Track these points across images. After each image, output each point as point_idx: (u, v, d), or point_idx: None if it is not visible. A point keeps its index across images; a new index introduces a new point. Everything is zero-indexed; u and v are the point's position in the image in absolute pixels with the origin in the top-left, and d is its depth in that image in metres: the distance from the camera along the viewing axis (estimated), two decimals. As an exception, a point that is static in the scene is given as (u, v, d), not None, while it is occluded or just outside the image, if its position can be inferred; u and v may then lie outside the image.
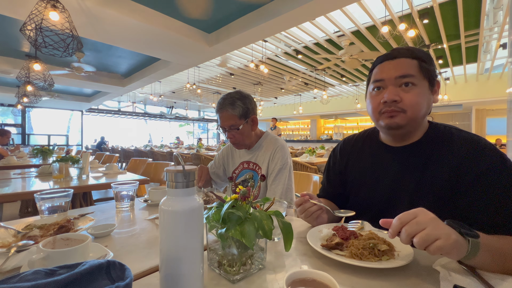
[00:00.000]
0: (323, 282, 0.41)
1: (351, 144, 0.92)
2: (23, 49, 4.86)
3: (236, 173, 1.37)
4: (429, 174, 0.70)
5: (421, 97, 0.69)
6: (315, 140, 13.19)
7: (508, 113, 3.38)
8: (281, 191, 1.19)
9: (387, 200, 0.77)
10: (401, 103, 0.69)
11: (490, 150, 0.65)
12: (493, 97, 8.32)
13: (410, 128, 0.73)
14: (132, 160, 2.90)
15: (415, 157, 0.74)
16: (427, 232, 0.47)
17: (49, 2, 2.03)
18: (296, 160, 3.67)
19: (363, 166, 0.85)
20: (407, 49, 0.72)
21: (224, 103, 1.22)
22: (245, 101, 1.23)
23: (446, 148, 0.70)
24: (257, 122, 1.30)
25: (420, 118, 0.71)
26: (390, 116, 0.71)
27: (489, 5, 4.19)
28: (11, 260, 0.55)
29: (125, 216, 0.95)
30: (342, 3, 2.90)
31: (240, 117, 1.22)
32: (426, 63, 0.71)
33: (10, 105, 9.59)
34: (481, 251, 0.49)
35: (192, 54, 4.45)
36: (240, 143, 1.29)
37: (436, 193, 0.68)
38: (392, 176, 0.77)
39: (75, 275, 0.34)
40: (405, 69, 0.70)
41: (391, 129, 0.74)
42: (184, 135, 19.44)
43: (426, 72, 0.70)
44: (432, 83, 0.72)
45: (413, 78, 0.69)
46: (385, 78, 0.72)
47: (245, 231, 0.48)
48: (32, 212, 2.25)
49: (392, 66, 0.71)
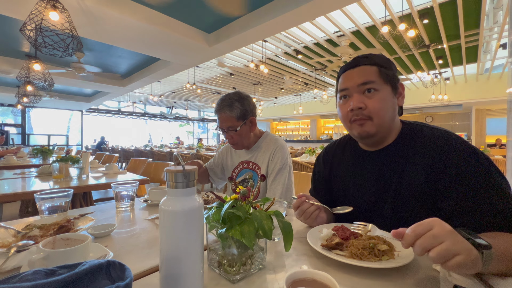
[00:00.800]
0: (323, 282, 0.41)
1: (332, 152, 0.94)
2: (23, 49, 4.86)
3: (236, 173, 1.37)
4: (406, 177, 0.71)
5: (384, 102, 0.72)
6: (315, 140, 13.19)
7: (508, 113, 3.38)
8: (281, 191, 1.19)
9: (372, 205, 0.77)
10: (366, 109, 0.72)
11: (462, 146, 0.66)
12: (493, 97, 8.31)
13: (381, 134, 0.75)
14: (132, 160, 2.90)
15: (391, 160, 0.75)
16: (445, 247, 0.43)
17: (49, 2, 2.03)
18: (296, 160, 3.68)
19: (346, 173, 0.86)
20: (365, 57, 0.75)
21: (222, 105, 1.23)
22: (243, 102, 1.24)
23: (419, 147, 0.71)
24: (255, 123, 1.32)
25: (387, 122, 0.74)
26: (359, 124, 0.74)
27: (489, 5, 4.19)
28: (11, 260, 0.55)
29: (125, 216, 0.95)
30: (342, 3, 2.90)
31: (238, 119, 1.22)
32: (385, 68, 0.73)
33: (10, 105, 9.59)
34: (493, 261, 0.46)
35: (192, 54, 4.45)
36: (238, 143, 1.30)
37: (416, 196, 0.69)
38: (373, 181, 0.78)
39: (75, 275, 0.34)
40: (366, 76, 0.72)
41: (363, 138, 0.77)
42: (184, 135, 19.45)
43: (386, 77, 0.72)
44: (395, 87, 0.74)
45: (374, 83, 0.72)
46: (349, 87, 0.75)
47: (245, 231, 0.48)
48: (32, 212, 2.25)
49: (354, 74, 0.74)
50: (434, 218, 0.47)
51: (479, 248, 0.45)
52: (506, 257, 0.51)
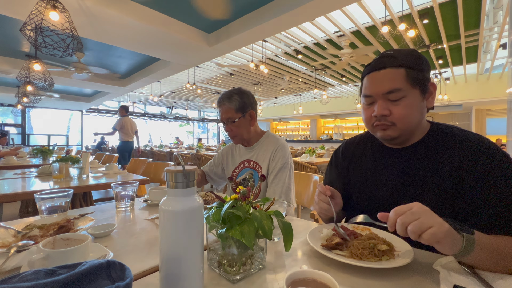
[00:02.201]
0: (323, 282, 0.41)
1: (353, 147, 0.92)
2: (23, 49, 4.86)
3: (237, 172, 1.37)
4: (430, 174, 0.70)
5: (411, 108, 0.68)
6: (315, 140, 13.19)
7: (508, 113, 3.38)
8: (280, 190, 1.19)
9: (390, 202, 0.76)
10: (391, 116, 0.69)
11: (493, 149, 0.65)
12: (493, 97, 8.31)
13: (405, 136, 0.74)
14: (132, 160, 2.90)
15: (416, 158, 0.74)
16: (421, 220, 0.49)
17: (49, 2, 2.03)
18: (296, 160, 3.68)
19: (365, 168, 0.85)
20: (392, 57, 0.69)
21: (223, 97, 1.28)
22: (243, 95, 1.28)
23: (448, 148, 0.70)
24: (255, 117, 1.32)
25: (413, 126, 0.72)
26: (382, 129, 0.73)
27: (489, 5, 4.19)
28: (11, 260, 0.55)
29: (125, 216, 0.95)
30: (342, 3, 2.90)
31: (236, 110, 1.25)
32: (414, 70, 0.67)
33: (10, 105, 9.59)
34: (477, 248, 0.50)
35: (192, 54, 4.45)
36: (237, 136, 1.31)
37: (438, 194, 0.68)
38: (394, 178, 0.77)
39: (75, 275, 0.34)
40: (391, 83, 0.68)
41: (386, 141, 0.78)
42: (184, 135, 19.45)
43: (415, 80, 0.67)
44: (424, 89, 0.69)
45: (401, 91, 0.67)
46: (373, 94, 0.71)
47: (245, 231, 0.48)
48: (32, 212, 2.25)
49: (379, 79, 0.70)
50: (415, 202, 0.54)
51: (460, 231, 0.51)
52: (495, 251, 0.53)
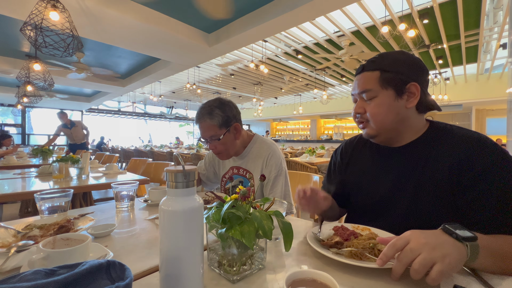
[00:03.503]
0: (323, 282, 0.41)
1: (352, 146, 0.94)
2: (23, 49, 4.86)
3: (226, 178, 1.33)
4: (429, 172, 0.70)
5: (381, 107, 0.74)
6: (315, 140, 13.18)
7: (508, 113, 3.38)
8: (279, 197, 1.17)
9: (388, 200, 0.77)
10: (365, 114, 0.77)
11: (492, 147, 0.65)
12: (493, 97, 8.31)
13: (386, 135, 0.77)
14: (132, 160, 2.89)
15: (414, 157, 0.74)
16: (423, 257, 0.45)
17: (49, 2, 2.03)
18: (296, 160, 3.67)
19: (364, 167, 0.86)
20: (372, 61, 0.76)
21: (202, 113, 1.14)
22: (224, 108, 1.15)
23: (446, 146, 0.70)
24: (240, 130, 1.22)
25: (389, 124, 0.74)
26: (362, 127, 0.80)
27: (489, 5, 4.19)
28: (11, 260, 0.55)
29: (125, 216, 0.95)
30: (342, 3, 2.90)
31: (220, 126, 1.14)
32: (388, 72, 0.72)
33: (10, 105, 9.59)
34: (481, 254, 0.48)
35: (192, 54, 4.45)
36: (223, 153, 1.22)
37: (436, 192, 0.68)
38: (392, 177, 0.77)
39: (75, 275, 0.34)
40: (364, 84, 0.75)
41: (370, 139, 0.82)
42: (184, 135, 19.45)
43: (387, 82, 0.72)
44: (400, 90, 0.72)
45: (371, 91, 0.74)
46: (353, 94, 0.81)
47: (245, 231, 0.48)
48: (32, 212, 2.25)
49: (359, 80, 0.78)
50: (412, 231, 0.50)
51: (463, 241, 0.47)
52: (499, 254, 0.52)
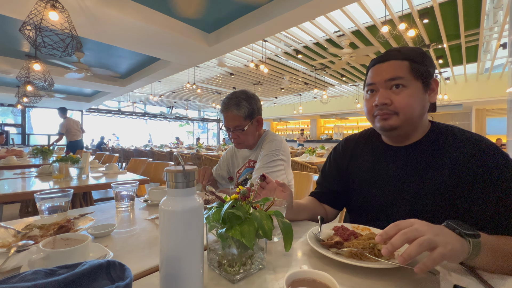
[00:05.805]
0: (323, 282, 0.41)
1: (353, 143, 0.92)
2: (23, 49, 4.86)
3: (240, 173, 1.37)
4: (430, 174, 0.70)
5: (412, 98, 0.69)
6: (315, 140, 13.19)
7: (508, 113, 3.38)
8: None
9: (389, 199, 0.77)
10: (392, 105, 0.70)
11: (493, 150, 0.65)
12: (493, 97, 8.32)
13: (406, 129, 0.73)
14: (132, 160, 2.89)
15: (416, 157, 0.74)
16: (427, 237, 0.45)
17: (48, 2, 2.03)
18: (296, 160, 3.67)
19: (365, 165, 0.85)
20: (397, 51, 0.72)
21: (230, 103, 1.20)
22: (251, 101, 1.22)
23: (448, 148, 0.70)
24: (262, 122, 1.31)
25: (415, 118, 0.71)
26: (383, 118, 0.72)
27: (489, 5, 4.19)
28: (11, 260, 0.55)
29: (125, 216, 0.95)
30: (342, 3, 2.90)
31: (245, 118, 1.21)
32: (418, 64, 0.70)
33: (10, 105, 9.58)
34: (483, 251, 0.48)
35: (192, 54, 4.45)
36: (244, 143, 1.29)
37: (438, 192, 0.68)
38: (394, 176, 0.77)
39: (75, 275, 0.34)
40: (394, 71, 0.70)
41: (385, 131, 0.75)
42: (184, 135, 19.45)
43: (418, 73, 0.69)
44: (426, 83, 0.71)
45: (403, 79, 0.69)
46: (376, 82, 0.73)
47: (245, 231, 0.48)
48: (32, 212, 2.25)
49: (383, 69, 0.72)
50: (415, 219, 0.49)
51: (466, 237, 0.47)
52: (500, 253, 0.52)
